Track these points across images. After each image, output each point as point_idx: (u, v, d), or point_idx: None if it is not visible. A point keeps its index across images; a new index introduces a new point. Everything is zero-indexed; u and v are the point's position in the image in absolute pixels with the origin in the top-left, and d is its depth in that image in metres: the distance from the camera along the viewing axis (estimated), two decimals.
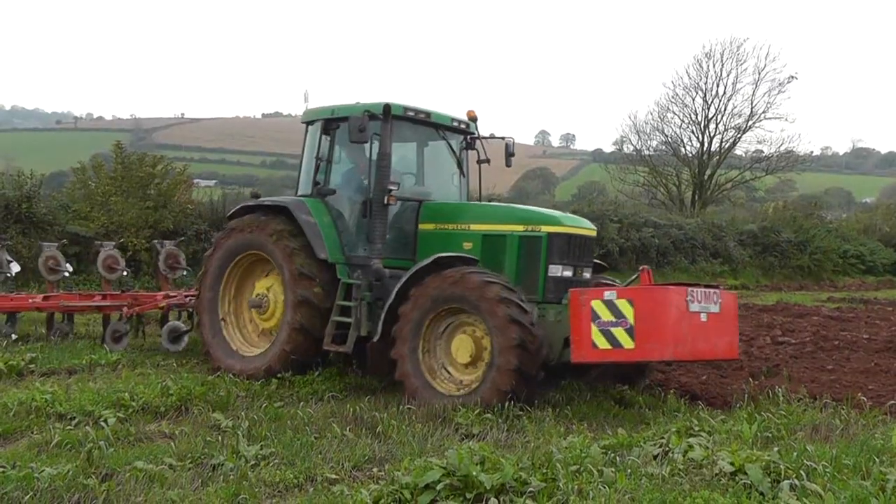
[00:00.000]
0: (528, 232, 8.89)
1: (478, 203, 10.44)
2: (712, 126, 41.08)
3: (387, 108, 9.26)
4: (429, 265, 8.51)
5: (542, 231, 8.83)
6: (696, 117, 41.14)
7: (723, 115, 40.91)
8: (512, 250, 8.89)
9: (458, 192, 10.48)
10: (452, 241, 9.17)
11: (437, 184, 10.36)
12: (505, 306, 7.89)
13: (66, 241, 14.75)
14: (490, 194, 11.11)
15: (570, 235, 8.92)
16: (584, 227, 9.27)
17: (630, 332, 7.57)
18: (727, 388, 9.32)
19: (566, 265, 8.84)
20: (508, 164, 10.73)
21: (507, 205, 10.89)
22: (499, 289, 8.00)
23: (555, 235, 8.81)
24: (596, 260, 9.54)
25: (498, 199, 18.39)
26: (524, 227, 8.93)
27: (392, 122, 9.33)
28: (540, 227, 8.88)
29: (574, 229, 9.03)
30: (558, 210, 10.66)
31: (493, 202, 11.95)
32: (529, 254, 8.82)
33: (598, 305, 7.71)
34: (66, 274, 13.08)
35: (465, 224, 9.30)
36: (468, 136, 10.48)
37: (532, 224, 8.93)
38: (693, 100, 41.11)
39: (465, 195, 10.58)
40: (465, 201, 10.45)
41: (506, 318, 7.84)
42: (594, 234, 9.45)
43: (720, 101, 40.64)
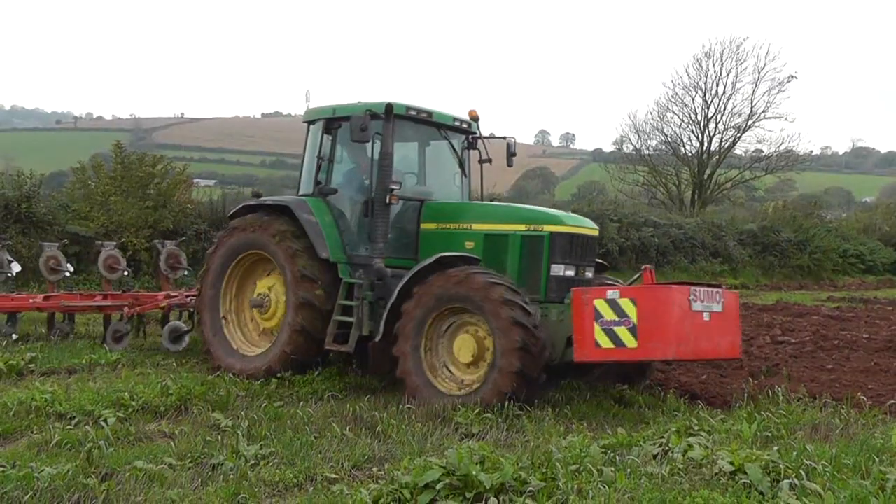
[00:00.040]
0: (531, 231, 8.87)
1: (480, 202, 10.43)
2: (712, 125, 41.07)
3: (389, 107, 9.25)
4: (431, 265, 8.51)
5: (544, 230, 8.82)
6: (696, 117, 41.14)
7: (722, 115, 40.91)
8: (514, 250, 8.87)
9: (459, 192, 10.47)
10: (454, 241, 9.16)
11: (439, 183, 10.35)
12: (509, 308, 7.87)
13: (66, 242, 14.73)
14: (490, 194, 11.09)
15: (572, 235, 8.91)
16: (587, 226, 9.26)
17: (633, 331, 7.57)
18: (727, 388, 9.32)
19: (568, 265, 8.82)
20: (510, 163, 10.73)
21: (509, 204, 10.87)
22: (503, 290, 7.99)
23: (557, 235, 8.80)
24: (598, 260, 9.53)
25: (498, 198, 18.37)
26: (526, 227, 8.92)
27: (394, 121, 9.32)
28: (542, 226, 8.86)
29: (576, 229, 9.02)
30: (559, 209, 10.66)
31: (495, 202, 11.94)
32: (532, 253, 8.81)
33: (601, 304, 7.71)
34: (67, 274, 13.08)
35: (467, 223, 9.28)
36: (470, 136, 10.46)
37: (534, 223, 8.92)
38: (693, 99, 41.12)
39: (466, 195, 10.57)
40: (467, 201, 10.44)
41: (509, 319, 7.83)
42: (596, 233, 9.44)
43: (720, 100, 40.64)
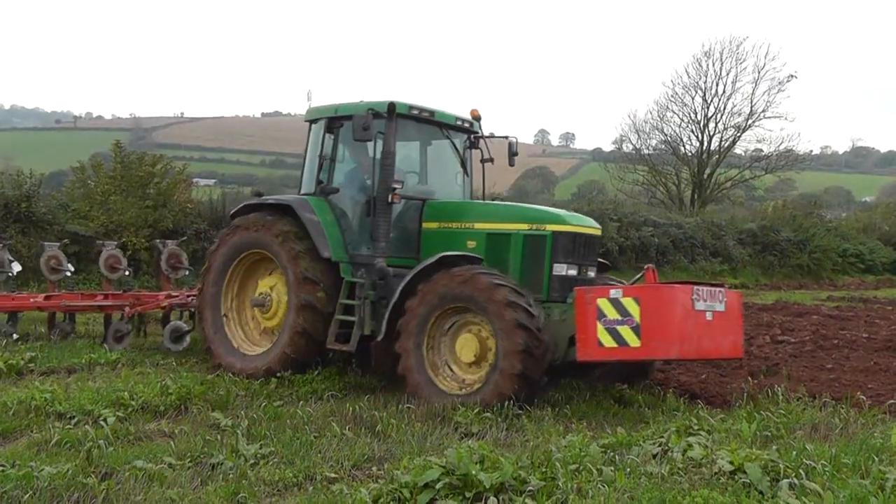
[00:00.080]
0: (533, 231, 8.86)
1: (482, 202, 10.41)
2: (712, 125, 41.04)
3: (391, 106, 9.24)
4: (433, 264, 8.50)
5: (546, 230, 8.81)
6: (696, 116, 41.11)
7: (722, 114, 40.87)
8: (516, 249, 8.86)
9: (461, 191, 10.46)
10: (456, 240, 9.15)
11: (441, 182, 10.34)
12: (513, 310, 7.86)
13: (67, 241, 14.72)
14: (489, 193, 11.09)
15: (574, 234, 8.90)
16: (589, 225, 9.25)
17: (636, 330, 7.56)
18: (726, 387, 9.32)
19: (571, 264, 8.81)
20: (511, 163, 10.71)
21: (511, 203, 10.86)
22: (507, 292, 7.97)
23: (560, 234, 8.79)
24: (600, 259, 9.52)
25: (498, 198, 18.37)
26: (529, 226, 8.91)
27: (396, 120, 9.31)
28: (545, 225, 8.85)
29: (579, 228, 9.01)
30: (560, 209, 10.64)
31: (497, 201, 11.93)
32: (534, 253, 8.79)
33: (604, 303, 7.70)
34: (69, 274, 13.07)
35: (470, 223, 9.27)
36: (472, 135, 10.46)
37: (537, 223, 8.91)
38: (692, 99, 41.09)
39: (468, 194, 10.56)
40: (469, 200, 10.44)
41: (513, 322, 7.82)
42: (599, 232, 9.44)
43: (720, 100, 40.61)
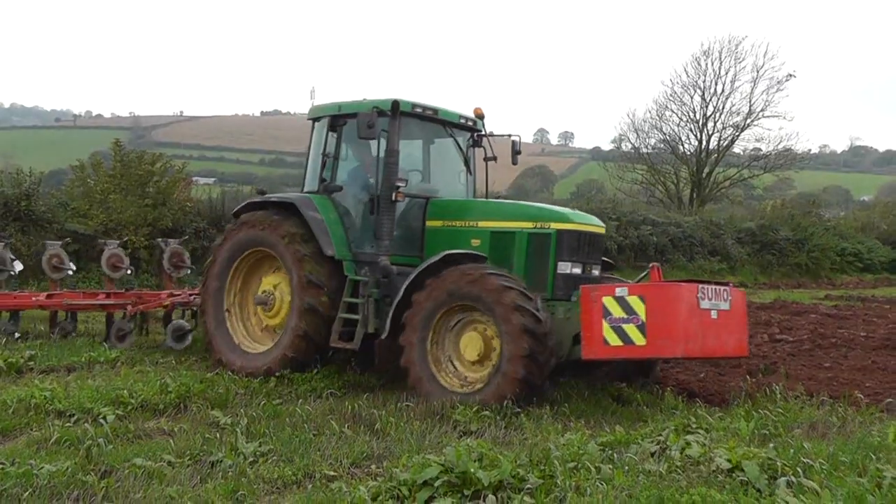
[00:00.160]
0: (537, 229, 8.85)
1: (486, 200, 10.39)
2: (710, 124, 41.13)
3: (395, 104, 9.22)
4: (437, 262, 8.50)
5: (551, 228, 8.80)
6: (695, 115, 41.20)
7: (721, 114, 40.97)
8: (521, 247, 8.85)
9: (465, 190, 10.46)
10: (460, 238, 9.14)
11: (445, 181, 10.33)
12: (520, 314, 7.83)
13: (69, 240, 14.71)
14: (490, 192, 11.09)
15: (579, 233, 8.89)
16: (594, 224, 9.25)
17: (641, 328, 7.53)
18: (725, 386, 9.34)
19: (575, 262, 8.80)
20: (514, 161, 10.67)
21: (515, 202, 10.84)
22: (515, 295, 7.93)
23: (564, 232, 8.78)
24: (604, 258, 9.51)
25: (498, 196, 18.37)
26: (533, 224, 8.89)
27: (400, 118, 9.30)
28: (549, 223, 8.84)
29: (583, 226, 9.00)
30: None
31: (500, 199, 11.93)
32: (538, 251, 8.79)
33: (610, 302, 7.68)
34: (70, 272, 13.06)
35: (474, 221, 9.26)
36: (475, 134, 10.45)
37: (541, 221, 8.89)
38: (691, 98, 41.20)
39: (471, 192, 10.55)
40: (473, 198, 10.43)
41: (519, 326, 7.80)
42: (603, 231, 9.43)
43: (718, 99, 40.71)
